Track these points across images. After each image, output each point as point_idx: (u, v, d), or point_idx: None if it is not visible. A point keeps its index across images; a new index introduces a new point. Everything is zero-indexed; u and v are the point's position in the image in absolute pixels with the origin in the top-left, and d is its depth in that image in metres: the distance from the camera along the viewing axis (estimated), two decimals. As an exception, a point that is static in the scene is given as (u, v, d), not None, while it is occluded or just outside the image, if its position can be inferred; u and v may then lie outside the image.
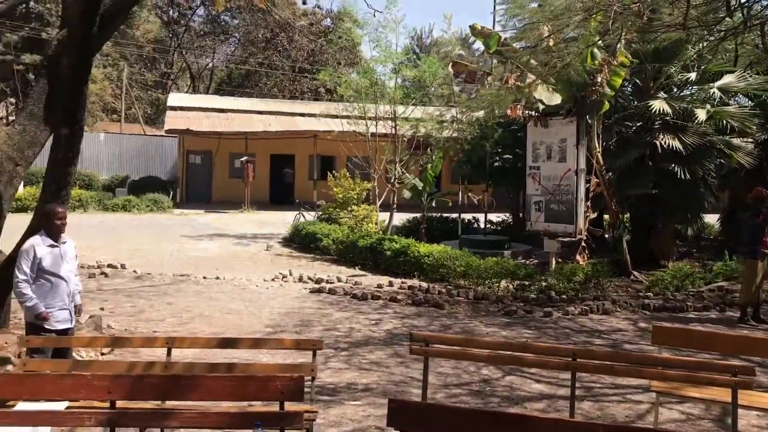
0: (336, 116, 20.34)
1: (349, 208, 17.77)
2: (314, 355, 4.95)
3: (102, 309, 9.53)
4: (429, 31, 56.91)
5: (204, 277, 12.61)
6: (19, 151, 7.86)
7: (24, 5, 26.41)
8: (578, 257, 12.15)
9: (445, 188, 25.67)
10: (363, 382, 6.84)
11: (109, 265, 13.10)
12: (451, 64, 15.63)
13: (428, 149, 18.41)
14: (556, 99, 12.42)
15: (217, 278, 12.59)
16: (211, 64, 49.06)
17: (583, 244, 12.28)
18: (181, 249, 16.26)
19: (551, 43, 10.59)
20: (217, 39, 46.25)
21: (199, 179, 29.18)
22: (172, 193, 27.45)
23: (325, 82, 23.77)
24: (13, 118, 28.98)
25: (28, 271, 5.81)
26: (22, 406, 4.43)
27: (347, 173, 18.79)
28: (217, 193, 29.13)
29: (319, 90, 38.29)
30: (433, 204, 17.18)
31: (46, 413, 3.99)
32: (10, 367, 6.72)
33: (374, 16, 21.33)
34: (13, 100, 32.37)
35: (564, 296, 11.08)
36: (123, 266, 13.18)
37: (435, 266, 12.53)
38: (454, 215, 18.48)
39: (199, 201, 28.14)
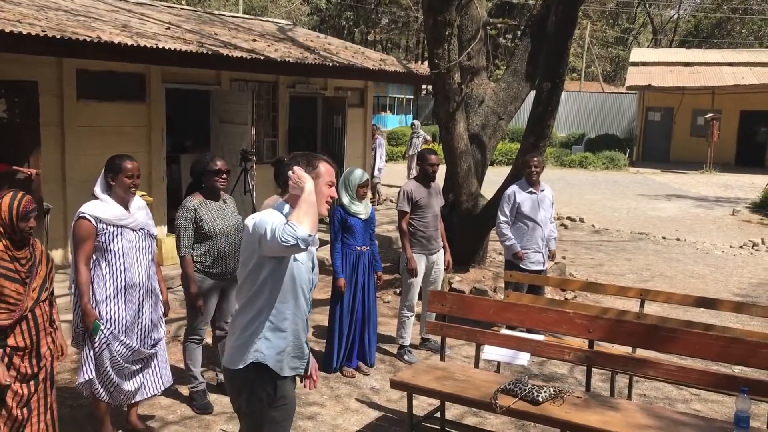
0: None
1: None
2: (808, 330, 4.39)
3: (564, 258, 9.98)
4: None
5: (663, 237, 12.21)
6: (502, 106, 8.65)
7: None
8: None
9: None
10: None
11: (568, 218, 13.61)
12: None
13: None
14: None
15: (678, 240, 12.06)
16: (676, 16, 46.32)
17: None
18: (638, 207, 15.97)
19: None
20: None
21: (657, 137, 28.02)
22: (628, 151, 27.01)
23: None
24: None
25: (508, 213, 6.42)
26: (505, 331, 4.96)
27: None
28: (675, 152, 27.63)
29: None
30: None
31: (530, 341, 4.38)
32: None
33: None
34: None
35: None
36: (581, 220, 13.57)
37: None
38: None
39: (655, 160, 27.12)
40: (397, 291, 7.92)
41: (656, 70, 27.50)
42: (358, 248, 5.56)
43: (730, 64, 27.28)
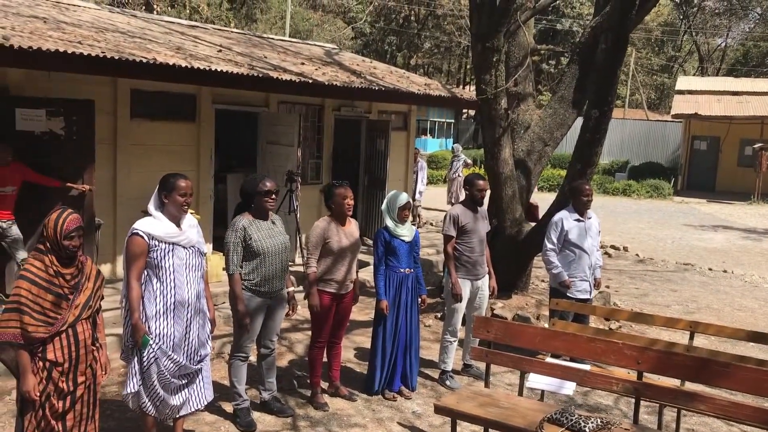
0: None
1: None
2: None
3: (608, 287, 9.84)
4: None
5: (709, 269, 11.96)
6: (548, 132, 8.63)
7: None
8: None
9: None
10: None
11: (612, 246, 13.43)
12: None
13: None
14: None
15: (725, 272, 11.80)
16: (723, 44, 45.66)
17: None
18: (683, 237, 15.68)
19: None
20: (734, 16, 42.67)
21: (703, 166, 27.53)
22: (672, 179, 26.58)
23: None
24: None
25: (555, 241, 6.33)
26: (550, 359, 4.90)
27: None
28: (722, 181, 27.10)
29: None
30: None
31: (577, 370, 4.32)
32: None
33: None
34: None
35: None
36: (625, 249, 13.37)
37: None
38: None
39: (701, 189, 26.63)
40: (439, 315, 7.90)
41: (703, 98, 27.09)
42: (402, 270, 5.56)
43: (781, 94, 26.73)
